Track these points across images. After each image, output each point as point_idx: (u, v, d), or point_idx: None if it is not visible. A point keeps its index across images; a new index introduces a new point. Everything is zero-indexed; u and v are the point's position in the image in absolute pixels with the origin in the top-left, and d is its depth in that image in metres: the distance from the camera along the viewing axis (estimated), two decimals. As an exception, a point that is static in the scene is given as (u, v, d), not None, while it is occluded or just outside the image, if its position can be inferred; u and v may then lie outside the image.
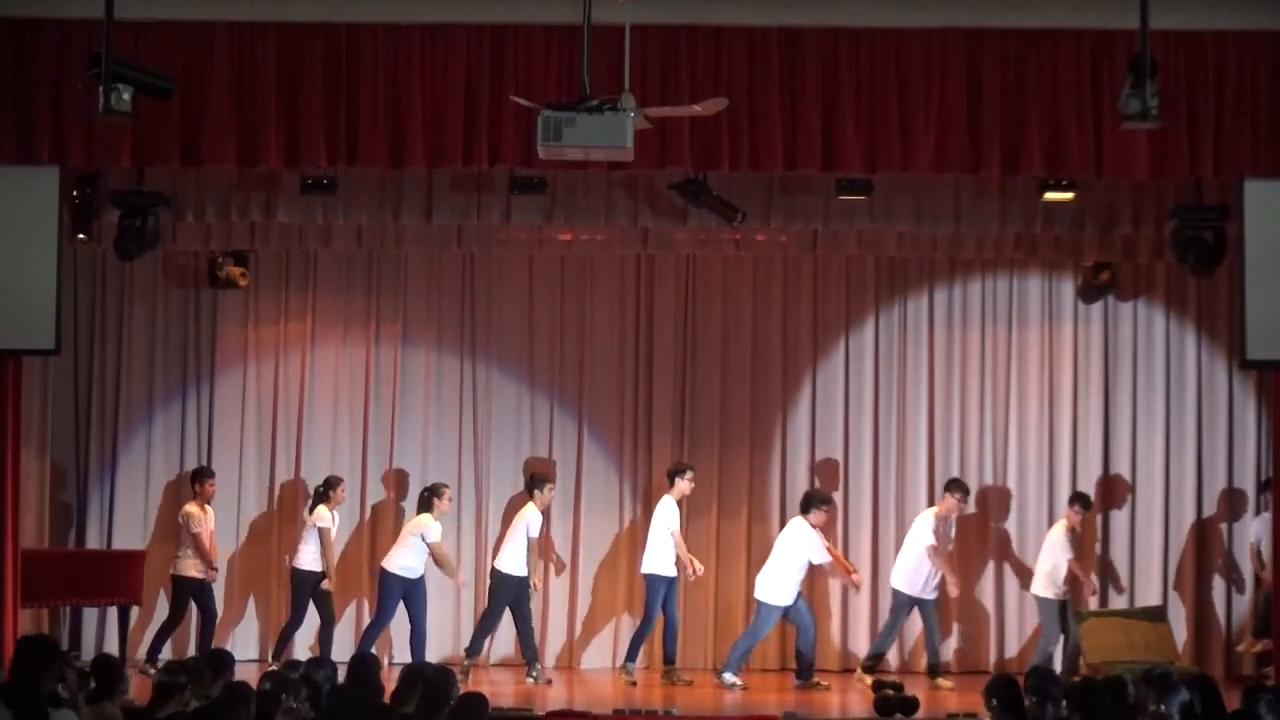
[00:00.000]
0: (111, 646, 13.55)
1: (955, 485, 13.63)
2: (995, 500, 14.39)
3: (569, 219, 13.01)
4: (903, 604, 13.42)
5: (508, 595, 13.30)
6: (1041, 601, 13.40)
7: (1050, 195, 12.39)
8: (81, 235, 12.93)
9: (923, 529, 13.40)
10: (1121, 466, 14.31)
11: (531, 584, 13.33)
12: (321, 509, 13.51)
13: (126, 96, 10.23)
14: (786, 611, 13.27)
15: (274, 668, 10.05)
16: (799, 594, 13.32)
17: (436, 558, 13.31)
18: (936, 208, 12.80)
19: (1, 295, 11.60)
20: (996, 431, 14.42)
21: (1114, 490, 14.28)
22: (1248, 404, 14.14)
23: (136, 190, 12.56)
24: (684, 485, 13.43)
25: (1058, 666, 13.01)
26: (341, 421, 14.53)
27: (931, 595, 13.40)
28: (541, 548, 13.65)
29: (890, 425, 14.44)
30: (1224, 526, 14.17)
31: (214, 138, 11.48)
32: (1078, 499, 13.60)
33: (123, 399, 14.42)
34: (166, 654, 13.39)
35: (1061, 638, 13.37)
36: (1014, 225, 12.99)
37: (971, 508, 14.23)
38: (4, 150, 11.55)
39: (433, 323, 14.56)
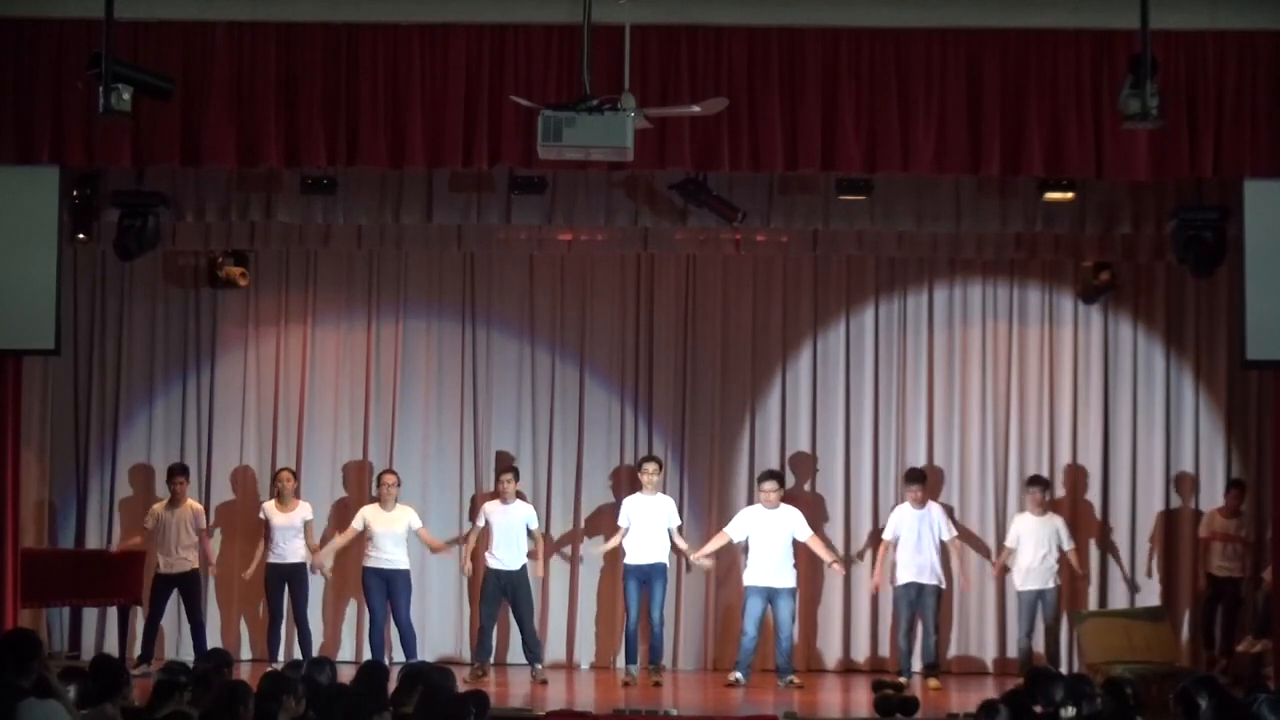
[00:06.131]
0: (111, 646, 13.59)
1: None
2: (995, 499, 14.38)
3: (569, 219, 13.01)
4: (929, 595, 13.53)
5: (485, 589, 13.54)
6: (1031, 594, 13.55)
7: (1050, 195, 12.39)
8: (81, 235, 12.94)
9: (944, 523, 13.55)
10: (1121, 466, 14.31)
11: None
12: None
13: (126, 96, 10.21)
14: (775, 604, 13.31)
15: (274, 667, 10.07)
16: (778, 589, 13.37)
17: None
18: (936, 208, 12.80)
19: (1, 295, 11.60)
20: (997, 431, 14.42)
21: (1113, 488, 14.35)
22: (1248, 404, 14.14)
23: (136, 190, 12.56)
24: (642, 478, 13.60)
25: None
26: (342, 421, 14.54)
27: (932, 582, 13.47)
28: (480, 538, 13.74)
29: (890, 424, 14.44)
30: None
31: (214, 138, 11.48)
32: (1037, 481, 13.71)
33: (123, 399, 14.43)
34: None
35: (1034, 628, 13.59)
36: (1014, 225, 12.99)
37: (973, 506, 14.29)
38: (4, 150, 11.54)
39: (433, 322, 14.56)
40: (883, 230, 13.25)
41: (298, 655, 13.23)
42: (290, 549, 13.57)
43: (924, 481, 13.66)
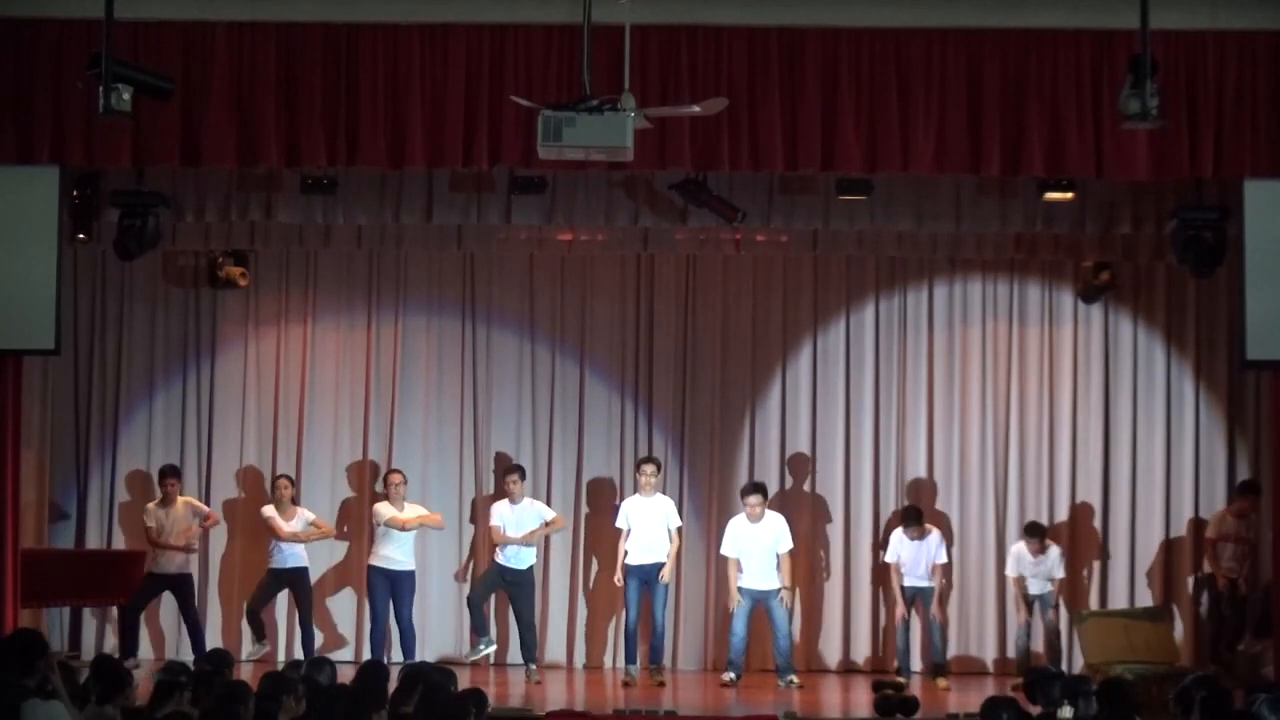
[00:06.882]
0: (111, 646, 13.59)
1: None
2: (994, 499, 14.38)
3: (569, 219, 13.01)
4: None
5: (486, 575, 13.65)
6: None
7: (1050, 195, 12.39)
8: (81, 235, 12.93)
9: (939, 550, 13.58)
10: (1121, 467, 14.31)
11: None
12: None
13: (126, 96, 10.21)
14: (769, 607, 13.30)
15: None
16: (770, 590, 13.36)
17: (403, 525, 13.44)
18: (936, 208, 12.80)
19: (1, 295, 11.60)
20: (997, 431, 14.41)
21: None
22: (1248, 404, 14.14)
23: (136, 190, 12.55)
24: (640, 479, 13.60)
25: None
26: (342, 421, 14.54)
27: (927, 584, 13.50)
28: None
29: (890, 423, 14.44)
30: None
31: (214, 138, 11.48)
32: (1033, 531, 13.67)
33: (123, 399, 14.43)
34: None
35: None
36: (1014, 225, 12.99)
37: (972, 507, 14.31)
38: (4, 150, 11.54)
39: (433, 321, 14.57)
40: (883, 230, 13.25)
41: (299, 656, 13.24)
42: (291, 554, 13.58)
43: (921, 520, 13.63)
